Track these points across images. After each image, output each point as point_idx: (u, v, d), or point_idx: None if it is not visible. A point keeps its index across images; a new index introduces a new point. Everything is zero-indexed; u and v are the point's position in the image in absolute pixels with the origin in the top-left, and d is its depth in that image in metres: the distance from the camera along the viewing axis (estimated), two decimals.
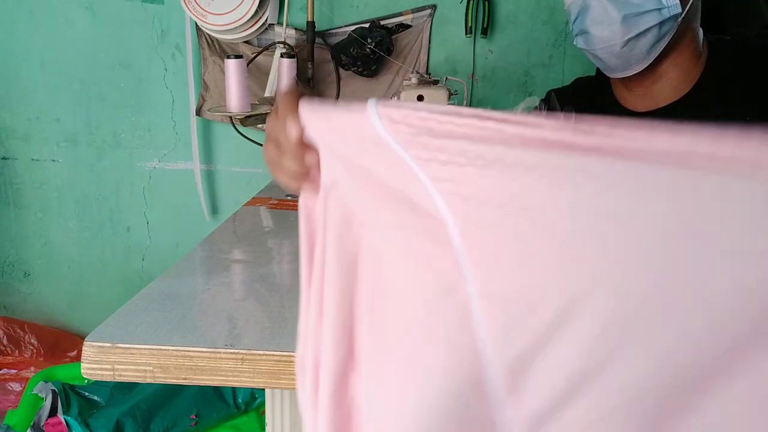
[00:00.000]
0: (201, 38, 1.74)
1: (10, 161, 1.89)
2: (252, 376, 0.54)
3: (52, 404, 1.45)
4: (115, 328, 0.57)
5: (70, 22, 1.78)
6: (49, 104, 1.84)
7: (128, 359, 0.54)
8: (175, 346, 0.55)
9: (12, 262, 1.98)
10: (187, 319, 0.60)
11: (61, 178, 1.90)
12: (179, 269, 0.75)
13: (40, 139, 1.87)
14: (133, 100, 1.83)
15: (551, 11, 1.74)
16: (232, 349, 0.54)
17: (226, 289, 0.70)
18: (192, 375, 0.55)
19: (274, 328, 0.59)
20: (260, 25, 1.68)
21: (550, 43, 1.77)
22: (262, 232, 0.97)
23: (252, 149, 1.78)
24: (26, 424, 1.45)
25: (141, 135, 1.86)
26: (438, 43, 1.76)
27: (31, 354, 1.85)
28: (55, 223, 1.94)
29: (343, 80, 1.76)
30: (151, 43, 1.79)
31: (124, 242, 1.95)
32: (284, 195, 1.23)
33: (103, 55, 1.80)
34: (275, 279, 0.75)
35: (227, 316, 0.62)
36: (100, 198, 1.92)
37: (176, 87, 1.82)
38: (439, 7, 1.74)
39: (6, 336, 1.86)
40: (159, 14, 1.76)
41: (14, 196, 1.92)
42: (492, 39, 1.76)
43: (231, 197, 1.91)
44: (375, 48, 1.62)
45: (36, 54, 1.80)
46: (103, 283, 1.99)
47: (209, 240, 0.90)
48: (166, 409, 1.47)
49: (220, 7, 1.60)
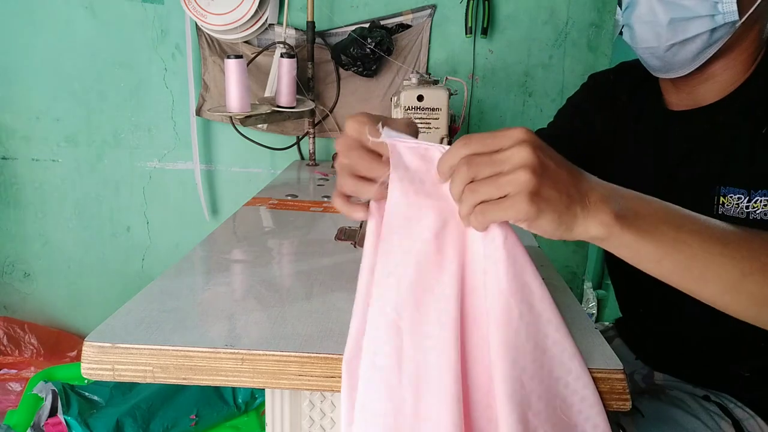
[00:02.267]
0: (201, 38, 1.74)
1: (10, 161, 1.89)
2: (252, 376, 0.54)
3: (52, 404, 1.45)
4: (115, 328, 0.57)
5: (70, 22, 1.78)
6: (49, 104, 1.84)
7: (128, 359, 0.54)
8: (175, 346, 0.55)
9: (12, 262, 1.98)
10: (187, 319, 0.60)
11: (61, 178, 1.90)
12: (179, 269, 0.75)
13: (40, 139, 1.87)
14: (133, 100, 1.83)
15: (551, 11, 1.74)
16: (232, 349, 0.54)
17: (226, 289, 0.70)
18: (192, 375, 0.54)
19: (274, 328, 0.59)
20: (260, 25, 1.68)
21: (550, 43, 1.77)
22: (262, 232, 0.97)
23: (252, 149, 1.78)
24: (26, 424, 1.45)
25: (141, 135, 1.86)
26: (438, 43, 1.76)
27: (31, 354, 1.85)
28: (55, 223, 1.94)
29: (343, 80, 1.76)
30: (151, 43, 1.79)
31: (124, 242, 1.95)
32: (284, 195, 1.23)
33: (103, 55, 1.80)
34: (275, 279, 0.75)
35: (227, 316, 0.62)
36: (100, 198, 1.92)
37: (176, 87, 1.82)
38: (439, 7, 1.74)
39: (6, 336, 1.86)
40: (159, 14, 1.77)
41: (14, 196, 1.92)
42: (492, 39, 1.76)
43: (231, 197, 1.91)
44: (375, 48, 1.62)
45: (36, 54, 1.80)
46: (103, 283, 1.99)
47: (209, 240, 0.90)
48: (166, 409, 1.47)
49: (220, 7, 1.60)
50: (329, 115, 1.77)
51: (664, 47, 0.73)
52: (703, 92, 0.78)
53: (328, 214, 1.08)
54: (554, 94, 1.80)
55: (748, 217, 0.72)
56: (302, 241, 0.91)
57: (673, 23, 0.71)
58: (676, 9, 0.71)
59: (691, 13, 0.70)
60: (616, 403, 0.53)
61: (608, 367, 0.54)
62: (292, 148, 1.80)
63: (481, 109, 1.82)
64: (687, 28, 0.71)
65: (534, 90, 1.81)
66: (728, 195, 0.73)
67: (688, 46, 0.72)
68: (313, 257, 0.83)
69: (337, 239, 0.92)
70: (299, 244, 0.90)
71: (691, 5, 0.70)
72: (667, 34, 0.72)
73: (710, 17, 0.70)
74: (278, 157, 1.85)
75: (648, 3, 0.73)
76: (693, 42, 0.72)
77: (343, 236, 0.93)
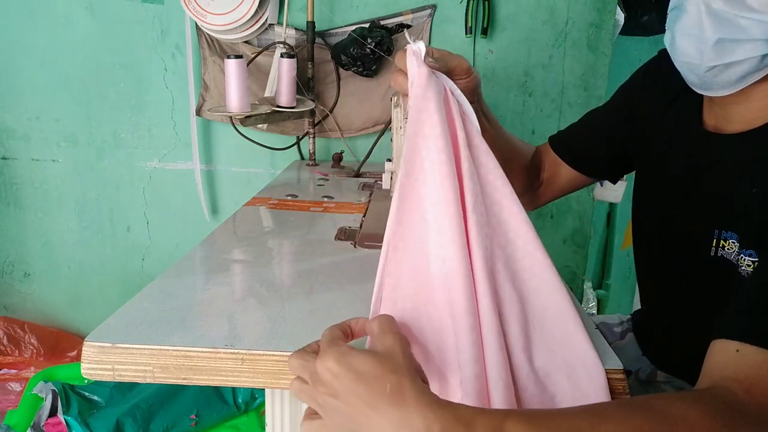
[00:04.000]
0: (201, 38, 1.74)
1: (10, 161, 1.89)
2: (252, 376, 0.54)
3: (52, 404, 1.45)
4: (115, 328, 0.57)
5: (70, 22, 1.78)
6: (49, 104, 1.84)
7: (128, 359, 0.54)
8: (175, 346, 0.55)
9: (12, 262, 1.98)
10: (187, 319, 0.60)
11: (61, 178, 1.90)
12: (179, 269, 0.75)
13: (40, 139, 1.87)
14: (133, 100, 1.83)
15: (551, 11, 1.74)
16: (232, 349, 0.54)
17: (226, 289, 0.70)
18: (192, 375, 0.55)
19: (274, 328, 0.59)
20: (260, 25, 1.68)
21: (550, 43, 1.77)
22: (262, 232, 0.97)
23: (252, 149, 1.78)
24: (26, 424, 1.45)
25: (141, 135, 1.86)
26: (438, 43, 1.76)
27: (31, 354, 1.85)
28: (55, 223, 1.94)
29: (343, 80, 1.76)
30: (151, 43, 1.79)
31: (124, 242, 1.95)
32: (284, 195, 1.23)
33: (103, 55, 1.80)
34: (275, 279, 0.75)
35: (227, 316, 0.62)
36: (100, 198, 1.92)
37: (176, 87, 1.82)
38: (439, 7, 1.74)
39: (6, 336, 1.86)
40: (159, 14, 1.76)
41: (14, 196, 1.92)
42: (492, 39, 1.76)
43: (231, 197, 1.91)
44: (375, 48, 1.62)
45: (36, 54, 1.80)
46: (103, 283, 1.99)
47: (209, 240, 0.90)
48: (166, 409, 1.47)
49: (220, 7, 1.60)
50: (329, 115, 1.77)
51: (705, 67, 0.65)
52: (736, 114, 0.70)
53: (328, 214, 1.08)
54: (554, 94, 1.80)
55: (737, 269, 0.67)
56: (302, 241, 0.91)
57: (721, 43, 0.63)
58: (728, 28, 0.62)
59: (744, 35, 0.61)
60: None
61: (608, 367, 0.54)
62: (292, 148, 1.80)
63: None
64: (735, 51, 0.63)
65: (534, 90, 1.81)
66: (729, 240, 0.69)
67: (733, 68, 0.64)
68: (313, 257, 0.83)
69: (337, 239, 0.92)
70: (299, 244, 0.90)
71: (747, 26, 0.61)
72: (712, 53, 0.64)
73: (764, 41, 0.61)
74: (278, 157, 1.85)
75: (697, 14, 0.64)
76: (740, 65, 0.64)
77: (343, 236, 0.93)
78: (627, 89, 0.94)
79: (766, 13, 0.60)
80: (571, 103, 1.81)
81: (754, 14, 0.60)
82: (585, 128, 0.99)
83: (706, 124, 0.76)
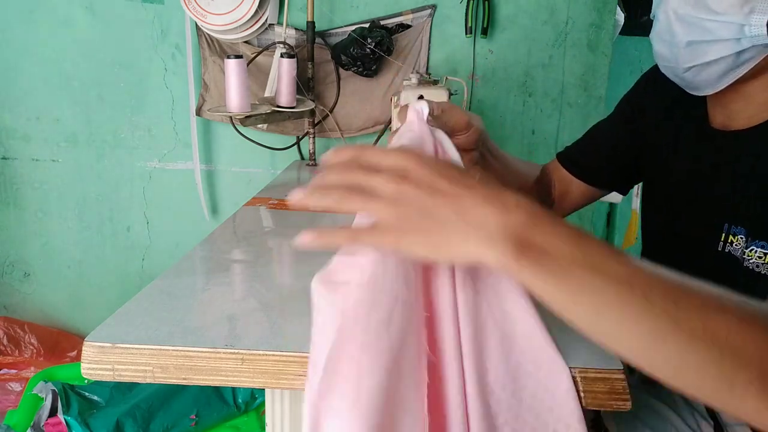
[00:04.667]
0: (201, 38, 1.74)
1: (10, 161, 1.89)
2: (252, 376, 0.54)
3: (52, 404, 1.45)
4: (115, 328, 0.57)
5: (70, 22, 1.78)
6: (49, 104, 1.84)
7: (128, 359, 0.54)
8: (175, 346, 0.55)
9: (12, 262, 1.98)
10: (187, 319, 0.60)
11: (61, 178, 1.90)
12: (179, 269, 0.75)
13: (40, 139, 1.87)
14: (133, 100, 1.83)
15: (551, 11, 1.74)
16: (232, 349, 0.54)
17: (226, 289, 0.70)
18: (192, 375, 0.55)
19: (274, 328, 0.59)
20: (260, 25, 1.68)
21: (550, 43, 1.77)
22: (262, 232, 0.97)
23: (252, 149, 1.78)
24: (26, 424, 1.45)
25: (141, 135, 1.86)
26: (438, 43, 1.76)
27: (31, 354, 1.85)
28: (55, 223, 1.94)
29: (343, 80, 1.76)
30: (151, 43, 1.79)
31: (124, 242, 1.95)
32: (284, 195, 1.23)
33: (103, 55, 1.80)
34: (275, 279, 0.75)
35: (227, 316, 0.62)
36: (100, 198, 1.92)
37: (176, 87, 1.82)
38: (439, 7, 1.74)
39: (6, 336, 1.86)
40: (159, 14, 1.76)
41: (14, 196, 1.92)
42: (492, 39, 1.76)
43: (231, 197, 1.91)
44: (375, 48, 1.62)
45: (36, 54, 1.80)
46: (103, 283, 1.99)
47: (209, 240, 0.90)
48: (166, 409, 1.47)
49: (220, 7, 1.60)
50: (329, 115, 1.77)
51: (682, 68, 0.68)
52: (738, 111, 0.71)
53: (328, 214, 1.08)
54: (554, 94, 1.80)
55: (742, 263, 0.68)
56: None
57: (692, 45, 0.65)
58: (696, 31, 0.64)
59: (712, 36, 0.63)
60: (616, 403, 0.53)
61: (608, 367, 0.54)
62: (292, 148, 1.80)
63: (481, 110, 1.82)
64: (707, 51, 0.64)
65: (534, 90, 1.81)
66: (737, 235, 0.69)
67: (711, 68, 0.66)
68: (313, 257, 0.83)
69: None
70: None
71: (714, 28, 0.63)
72: (686, 55, 0.66)
73: (735, 41, 0.62)
74: (278, 157, 1.85)
75: (666, 21, 0.67)
76: (716, 64, 0.65)
77: None
78: (629, 98, 0.94)
79: (728, 14, 0.61)
80: (571, 103, 1.81)
81: (718, 16, 0.62)
82: (591, 141, 0.99)
83: (713, 121, 0.77)
